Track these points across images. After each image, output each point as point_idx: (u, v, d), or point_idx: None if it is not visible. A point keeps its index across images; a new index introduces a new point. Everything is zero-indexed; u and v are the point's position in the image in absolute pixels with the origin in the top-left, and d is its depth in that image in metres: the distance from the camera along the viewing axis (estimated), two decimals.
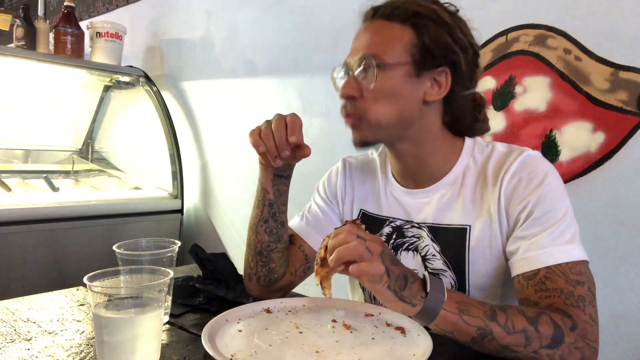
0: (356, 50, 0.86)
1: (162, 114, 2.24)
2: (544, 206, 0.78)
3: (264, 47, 1.96)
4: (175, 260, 0.83)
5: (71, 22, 2.14)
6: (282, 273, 0.93)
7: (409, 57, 0.82)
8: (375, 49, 0.83)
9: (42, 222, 1.76)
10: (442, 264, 0.85)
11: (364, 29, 0.88)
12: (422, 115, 0.85)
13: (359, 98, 0.84)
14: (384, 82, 0.82)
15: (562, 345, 0.67)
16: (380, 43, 0.83)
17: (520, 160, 0.82)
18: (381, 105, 0.83)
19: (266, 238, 0.90)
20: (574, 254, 0.75)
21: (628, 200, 1.11)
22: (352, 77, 0.85)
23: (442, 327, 0.68)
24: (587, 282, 0.73)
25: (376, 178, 0.99)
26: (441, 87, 0.84)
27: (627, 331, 1.12)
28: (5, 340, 0.71)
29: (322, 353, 0.66)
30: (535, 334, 0.67)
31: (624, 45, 1.11)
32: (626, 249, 1.11)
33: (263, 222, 0.90)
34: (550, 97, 1.22)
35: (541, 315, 0.68)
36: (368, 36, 0.86)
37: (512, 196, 0.81)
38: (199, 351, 0.69)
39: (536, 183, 0.79)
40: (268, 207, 0.90)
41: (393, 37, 0.83)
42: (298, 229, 1.00)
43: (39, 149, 2.47)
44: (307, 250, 0.97)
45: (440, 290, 0.68)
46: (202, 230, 2.27)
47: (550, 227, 0.76)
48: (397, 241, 0.91)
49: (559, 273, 0.73)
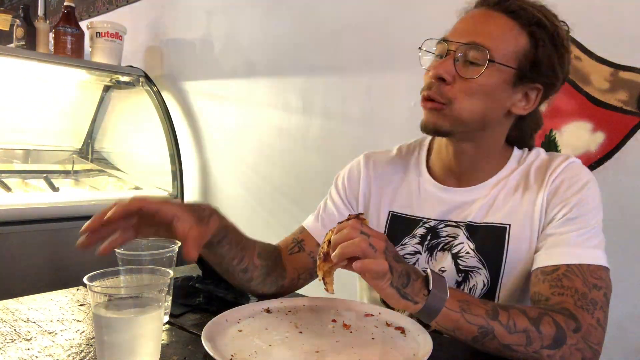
0: (466, 32, 0.80)
1: (162, 114, 2.24)
2: (581, 209, 0.78)
3: (264, 47, 1.96)
4: (175, 260, 0.83)
5: (71, 22, 2.13)
6: (276, 288, 0.91)
7: (516, 63, 0.79)
8: (489, 41, 0.78)
9: (42, 222, 1.76)
10: (477, 261, 0.84)
11: (482, 14, 0.81)
12: (499, 124, 0.85)
13: (449, 83, 0.79)
14: (485, 79, 0.78)
15: (563, 347, 0.67)
16: (496, 38, 0.78)
17: (565, 165, 0.83)
18: (471, 101, 0.79)
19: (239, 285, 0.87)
20: (598, 259, 0.75)
21: (628, 200, 1.11)
22: (452, 59, 0.79)
23: (444, 325, 0.68)
24: (604, 288, 0.73)
25: (406, 175, 0.95)
26: (529, 103, 0.83)
27: (628, 331, 1.12)
28: (5, 340, 0.71)
29: (322, 353, 0.66)
30: (536, 334, 0.67)
31: (624, 45, 1.11)
32: (626, 248, 1.11)
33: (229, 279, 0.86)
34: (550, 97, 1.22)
35: (543, 316, 0.68)
36: (484, 23, 0.80)
37: (554, 197, 0.81)
38: (199, 351, 0.69)
39: (579, 187, 0.80)
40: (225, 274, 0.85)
41: (510, 37, 0.79)
42: (313, 231, 0.96)
43: (39, 149, 2.47)
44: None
45: (442, 288, 0.67)
46: None
47: (581, 230, 0.77)
48: (432, 242, 0.89)
49: (578, 273, 0.73)
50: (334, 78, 1.71)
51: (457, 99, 0.79)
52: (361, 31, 1.61)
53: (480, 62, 0.77)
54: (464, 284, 0.85)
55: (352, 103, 1.66)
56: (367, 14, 1.60)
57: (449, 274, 0.86)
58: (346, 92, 1.68)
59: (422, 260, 0.89)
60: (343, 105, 1.69)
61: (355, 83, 1.65)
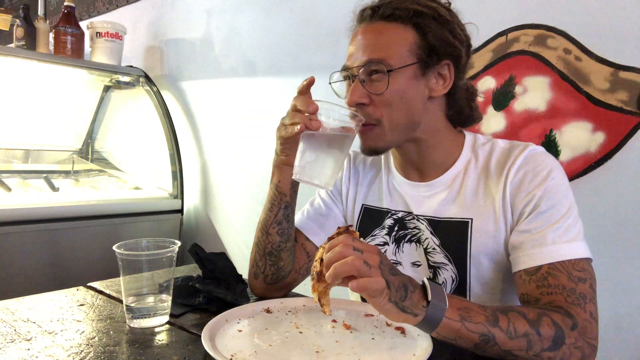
0: (358, 54, 0.84)
1: (162, 114, 2.24)
2: (549, 200, 0.78)
3: (264, 47, 1.96)
4: (175, 260, 0.83)
5: (71, 22, 2.13)
6: (288, 271, 0.93)
7: (414, 58, 0.82)
8: (380, 53, 0.81)
9: (42, 222, 1.76)
10: (443, 257, 0.86)
11: (364, 30, 0.85)
12: (427, 112, 0.86)
13: (368, 104, 0.83)
14: (393, 86, 0.81)
15: (563, 347, 0.67)
16: (385, 47, 0.82)
17: (525, 154, 0.82)
18: (393, 110, 0.82)
19: (277, 239, 0.90)
20: (578, 252, 0.76)
21: (628, 200, 1.11)
22: (359, 83, 0.83)
23: (445, 335, 0.67)
24: (589, 279, 0.74)
25: (379, 171, 1.00)
26: (445, 81, 0.85)
27: (628, 330, 1.12)
28: (5, 340, 0.71)
29: (322, 353, 0.66)
30: (536, 337, 0.67)
31: (624, 45, 1.11)
32: (626, 248, 1.11)
33: (276, 224, 0.90)
34: (550, 97, 1.22)
35: (542, 317, 0.68)
36: (370, 39, 0.84)
37: (518, 189, 0.81)
38: (199, 351, 0.69)
39: (542, 177, 0.79)
40: (284, 210, 0.89)
41: (397, 39, 0.82)
42: (300, 225, 0.99)
43: (39, 149, 2.47)
44: (309, 247, 0.98)
45: (441, 298, 0.66)
46: (202, 230, 2.27)
47: (556, 224, 0.77)
48: (399, 233, 0.92)
49: (562, 270, 0.74)
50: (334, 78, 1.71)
51: (384, 115, 0.83)
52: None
53: (382, 75, 0.81)
54: (434, 280, 0.86)
55: None
56: None
57: (422, 269, 0.88)
58: None
59: (390, 251, 0.92)
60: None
61: None
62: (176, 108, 2.33)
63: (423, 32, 0.82)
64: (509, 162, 0.83)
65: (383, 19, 0.83)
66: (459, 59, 0.84)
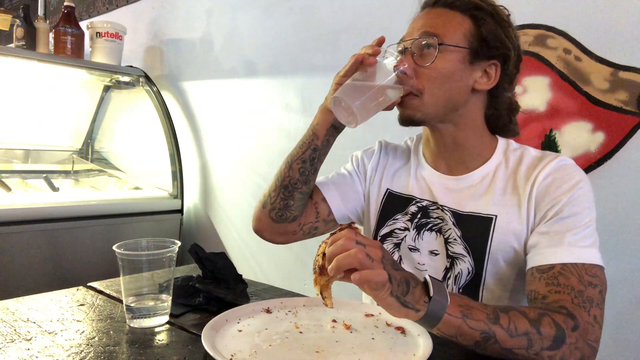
0: (416, 30, 0.88)
1: (162, 114, 2.24)
2: (573, 208, 0.79)
3: (264, 47, 1.96)
4: (175, 260, 0.83)
5: (71, 22, 2.14)
6: (294, 216, 0.97)
7: (466, 43, 0.85)
8: (436, 29, 0.85)
9: (42, 222, 1.76)
10: (463, 249, 0.87)
11: (425, 13, 0.90)
12: (468, 102, 0.89)
13: (412, 77, 0.86)
14: (441, 62, 0.84)
15: (563, 347, 0.67)
16: (442, 26, 0.86)
17: (555, 163, 0.85)
18: (434, 85, 0.85)
19: (297, 175, 0.94)
20: (593, 258, 0.76)
21: (628, 200, 1.11)
22: (409, 55, 0.86)
23: (446, 332, 0.67)
24: (599, 285, 0.74)
25: (408, 161, 1.02)
26: (490, 79, 0.87)
27: (628, 330, 1.12)
28: (5, 340, 0.71)
29: (322, 353, 0.66)
30: (537, 336, 0.67)
31: (624, 45, 1.11)
32: (626, 248, 1.12)
33: (300, 161, 0.94)
34: (550, 97, 1.22)
35: (543, 317, 0.68)
36: (429, 19, 0.88)
37: (545, 193, 0.82)
38: (199, 351, 0.69)
39: (570, 185, 0.81)
40: (312, 151, 0.94)
41: (454, 23, 0.86)
42: (321, 185, 1.03)
43: (39, 149, 2.47)
44: (321, 208, 1.01)
45: (443, 294, 0.66)
46: (202, 230, 2.27)
47: (575, 229, 0.78)
48: (421, 220, 0.93)
49: (574, 271, 0.74)
50: None
51: (425, 88, 0.85)
52: (361, 31, 1.61)
53: (433, 50, 0.85)
54: (450, 270, 0.88)
55: None
56: (366, 14, 1.60)
57: (440, 258, 0.89)
58: None
59: (409, 237, 0.94)
60: None
61: None
62: (176, 108, 2.34)
63: (479, 24, 0.85)
64: (539, 167, 0.85)
65: (445, 7, 0.88)
66: (507, 60, 0.87)
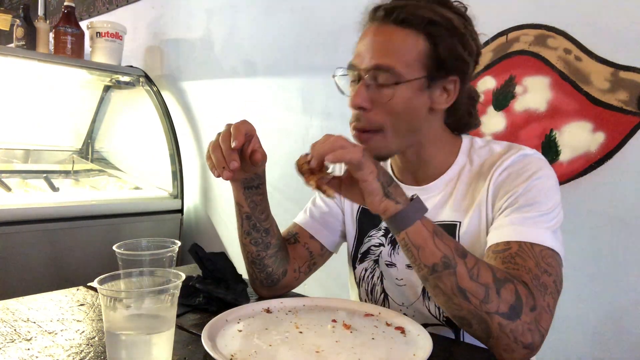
0: (367, 55, 0.81)
1: (162, 114, 2.24)
2: (528, 198, 0.76)
3: (264, 47, 1.96)
4: (175, 260, 0.83)
5: (71, 22, 2.14)
6: (282, 273, 0.93)
7: (423, 70, 0.79)
8: (390, 60, 0.78)
9: (42, 222, 1.76)
10: None
11: (375, 32, 0.82)
12: (427, 121, 0.84)
13: (370, 110, 0.81)
14: (399, 96, 0.79)
15: (517, 321, 0.65)
16: (396, 54, 0.79)
17: (514, 157, 0.81)
18: (396, 118, 0.81)
19: (253, 249, 0.90)
20: (548, 241, 0.73)
21: (628, 200, 1.11)
22: (363, 86, 0.81)
23: (411, 240, 0.68)
24: (554, 275, 0.71)
25: None
26: (449, 96, 0.83)
27: (628, 330, 1.12)
28: (5, 340, 0.71)
29: (322, 353, 0.66)
30: (495, 295, 0.65)
31: (624, 45, 1.11)
32: (626, 248, 1.11)
33: (246, 235, 0.90)
34: (550, 97, 1.22)
35: (508, 282, 0.67)
36: (381, 42, 0.81)
37: (500, 189, 0.79)
38: (199, 351, 0.69)
39: (525, 177, 0.77)
40: (247, 220, 0.89)
41: (408, 47, 0.79)
42: (304, 224, 1.00)
43: (39, 149, 2.47)
44: (313, 247, 0.98)
45: (422, 206, 0.70)
46: (202, 230, 2.27)
47: (532, 215, 0.74)
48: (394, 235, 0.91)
49: (530, 255, 0.71)
50: None
51: (386, 123, 0.81)
52: (361, 31, 1.61)
53: (390, 84, 0.79)
54: None
55: None
56: None
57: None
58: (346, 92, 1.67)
59: (385, 252, 0.92)
60: (343, 105, 1.68)
61: None
62: (176, 108, 2.33)
63: (435, 42, 0.79)
64: (497, 164, 0.81)
65: (396, 23, 0.80)
66: (466, 73, 0.82)
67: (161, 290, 0.59)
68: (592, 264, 1.16)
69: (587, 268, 1.17)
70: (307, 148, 0.76)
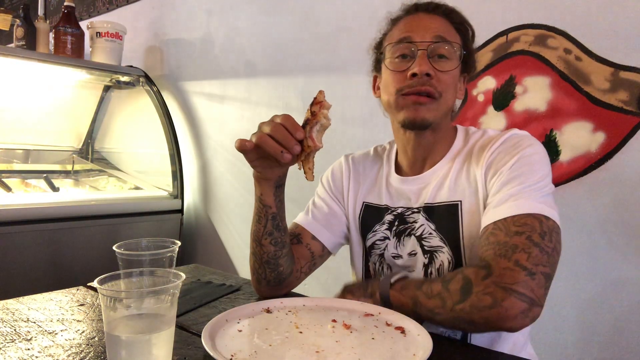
0: (426, 31, 0.87)
1: (162, 114, 2.24)
2: (514, 172, 0.79)
3: (264, 47, 1.96)
4: (175, 260, 0.82)
5: (71, 22, 2.14)
6: (289, 272, 0.94)
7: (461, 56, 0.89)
8: (452, 36, 0.88)
9: (42, 222, 1.76)
10: (439, 240, 0.88)
11: (428, 18, 0.90)
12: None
13: (433, 77, 0.85)
14: (455, 71, 0.88)
15: (471, 296, 0.70)
16: (453, 34, 0.88)
17: (504, 137, 0.86)
18: (449, 91, 0.88)
19: (272, 249, 0.90)
20: (523, 208, 0.75)
21: (628, 200, 1.11)
22: (425, 56, 0.86)
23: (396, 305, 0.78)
24: (527, 232, 0.72)
25: (380, 170, 1.02)
26: (462, 91, 0.93)
27: (628, 330, 1.12)
28: (5, 340, 0.71)
29: (322, 353, 0.66)
30: (447, 293, 0.72)
31: (624, 45, 1.11)
32: (627, 248, 1.11)
33: (267, 235, 0.89)
34: (550, 97, 1.22)
35: (456, 275, 0.73)
36: (440, 23, 0.88)
37: (490, 168, 0.84)
38: (199, 351, 0.69)
39: (513, 153, 0.82)
40: (272, 221, 0.89)
41: (455, 39, 0.89)
42: (306, 224, 1.01)
43: (39, 149, 2.47)
44: (314, 247, 0.99)
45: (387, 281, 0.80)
46: (202, 230, 2.27)
47: (513, 187, 0.77)
48: (399, 227, 0.94)
49: (502, 227, 0.75)
50: (334, 78, 1.71)
51: (444, 91, 0.87)
52: (361, 31, 1.61)
53: (450, 56, 0.87)
54: (430, 266, 0.89)
55: (352, 103, 1.66)
56: (366, 14, 1.60)
57: (418, 257, 0.91)
58: (346, 92, 1.68)
59: (391, 245, 0.94)
60: (343, 105, 1.69)
61: (355, 83, 1.65)
62: (176, 108, 2.34)
63: (465, 40, 0.90)
64: (489, 145, 0.86)
65: (444, 16, 0.89)
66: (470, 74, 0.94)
67: (161, 290, 0.59)
68: (591, 263, 1.16)
69: (586, 268, 1.17)
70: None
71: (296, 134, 0.76)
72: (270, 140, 0.76)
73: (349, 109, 1.67)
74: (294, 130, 0.76)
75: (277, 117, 0.78)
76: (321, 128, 0.77)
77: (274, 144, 0.75)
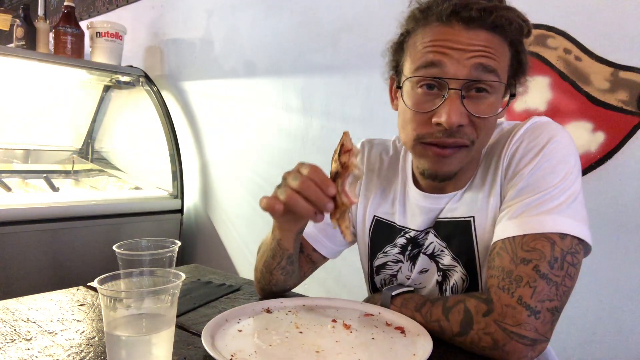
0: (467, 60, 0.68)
1: (162, 114, 2.24)
2: (532, 177, 0.70)
3: (264, 47, 1.96)
4: (175, 260, 0.82)
5: (71, 22, 2.14)
6: (294, 284, 0.95)
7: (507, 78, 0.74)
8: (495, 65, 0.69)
9: (42, 222, 1.76)
10: (451, 259, 0.81)
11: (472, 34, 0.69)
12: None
13: (465, 126, 0.71)
14: (497, 109, 0.73)
15: (471, 332, 0.67)
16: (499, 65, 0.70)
17: (521, 132, 0.74)
18: (487, 134, 0.74)
19: (282, 278, 0.89)
20: (536, 226, 0.66)
21: (628, 200, 1.11)
22: (459, 100, 0.69)
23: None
24: (535, 260, 0.65)
25: (394, 182, 0.91)
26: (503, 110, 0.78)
27: (628, 330, 1.12)
28: (5, 340, 0.71)
29: (322, 353, 0.66)
30: (446, 323, 0.70)
31: (624, 45, 1.11)
32: (626, 248, 1.11)
33: (280, 269, 0.87)
34: (550, 97, 1.22)
35: (458, 304, 0.70)
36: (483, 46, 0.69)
37: (507, 172, 0.74)
38: (199, 351, 0.69)
39: (534, 153, 0.71)
40: (287, 259, 0.86)
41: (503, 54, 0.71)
42: (307, 235, 0.95)
43: (39, 149, 2.47)
44: (315, 257, 0.96)
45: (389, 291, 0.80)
46: (202, 230, 2.27)
47: (530, 197, 0.69)
48: (412, 252, 0.86)
49: (509, 249, 0.68)
50: (334, 78, 1.71)
51: (479, 137, 0.73)
52: (361, 31, 1.61)
53: (493, 90, 0.71)
54: (445, 283, 0.82)
55: (352, 103, 1.66)
56: (367, 14, 1.60)
57: (431, 273, 0.84)
58: (346, 92, 1.68)
59: (405, 268, 0.88)
60: (343, 105, 1.69)
61: (355, 83, 1.65)
62: (176, 108, 2.34)
63: (518, 51, 0.72)
64: (506, 144, 0.76)
65: (491, 29, 0.69)
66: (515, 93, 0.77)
67: (161, 290, 0.59)
68: (591, 263, 1.16)
69: (586, 268, 1.17)
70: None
71: (328, 191, 0.66)
72: (301, 200, 0.66)
73: (349, 109, 1.67)
74: (325, 186, 0.66)
75: (304, 167, 0.69)
76: (354, 180, 0.68)
77: (305, 204, 0.66)
